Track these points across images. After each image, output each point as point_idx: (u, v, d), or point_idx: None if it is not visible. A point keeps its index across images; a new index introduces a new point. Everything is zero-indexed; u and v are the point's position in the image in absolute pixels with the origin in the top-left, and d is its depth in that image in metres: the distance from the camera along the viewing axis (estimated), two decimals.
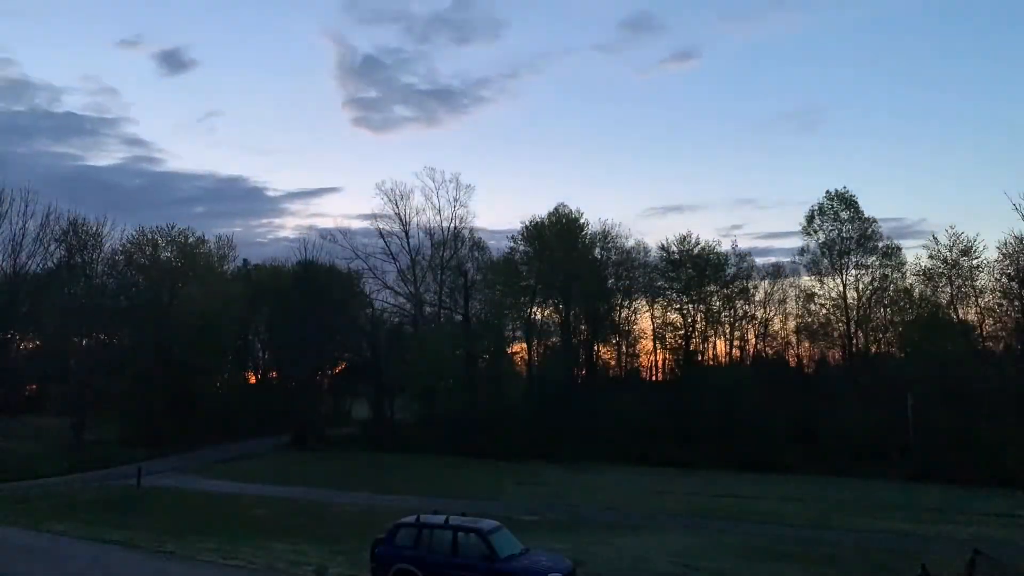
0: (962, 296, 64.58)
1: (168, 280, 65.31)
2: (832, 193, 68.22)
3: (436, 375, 65.19)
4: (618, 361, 77.26)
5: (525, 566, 17.58)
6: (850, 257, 66.28)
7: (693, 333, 71.66)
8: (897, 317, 64.41)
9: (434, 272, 74.81)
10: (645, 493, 42.79)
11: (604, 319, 71.82)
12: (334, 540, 25.82)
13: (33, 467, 43.08)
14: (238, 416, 74.51)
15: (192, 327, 65.83)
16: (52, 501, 33.40)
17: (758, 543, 27.27)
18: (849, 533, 30.58)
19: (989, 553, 22.24)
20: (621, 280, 75.40)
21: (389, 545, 18.85)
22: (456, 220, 74.96)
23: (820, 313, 68.96)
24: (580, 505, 36.70)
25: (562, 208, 73.72)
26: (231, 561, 21.50)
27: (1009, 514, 37.75)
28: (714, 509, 36.53)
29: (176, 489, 38.51)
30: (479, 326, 70.88)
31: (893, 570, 23.69)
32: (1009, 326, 62.74)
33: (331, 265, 74.75)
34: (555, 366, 67.07)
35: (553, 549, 23.16)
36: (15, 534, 25.19)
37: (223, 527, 28.00)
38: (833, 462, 57.90)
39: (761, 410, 61.20)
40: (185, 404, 65.95)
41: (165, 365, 64.72)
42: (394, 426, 71.68)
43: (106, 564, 21.08)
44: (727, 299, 71.53)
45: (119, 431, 63.66)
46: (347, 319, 74.58)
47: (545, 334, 75.81)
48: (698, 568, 22.46)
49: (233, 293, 73.53)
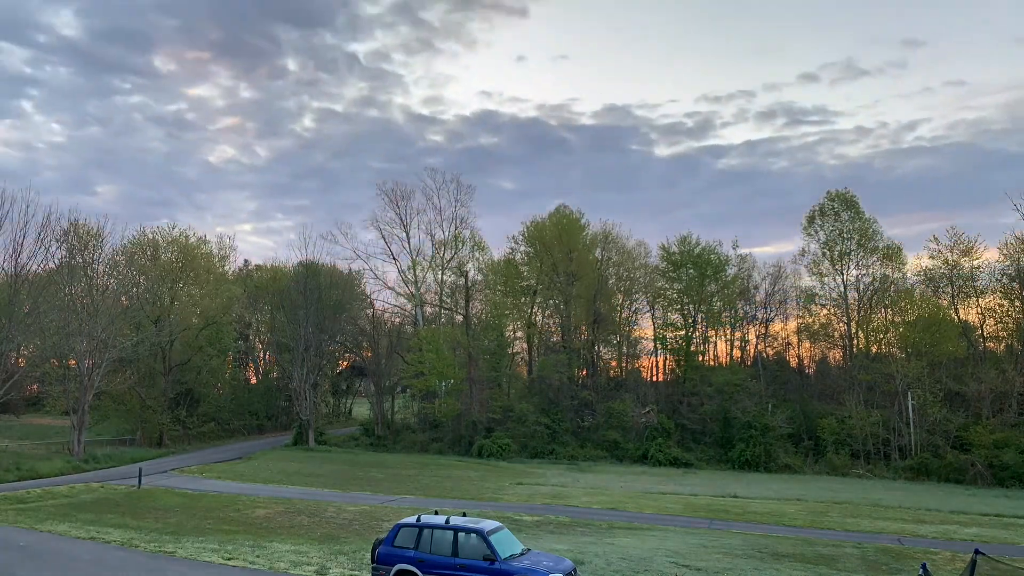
0: (963, 296, 64.67)
1: (168, 280, 65.30)
2: (833, 194, 68.33)
3: (436, 375, 65.21)
4: (618, 361, 77.26)
5: (526, 566, 17.59)
6: (851, 257, 66.30)
7: (694, 334, 71.61)
8: (897, 317, 64.40)
9: (435, 272, 74.89)
10: (645, 493, 42.78)
11: (604, 319, 71.78)
12: (334, 540, 25.82)
13: (33, 467, 43.05)
14: (238, 416, 74.57)
15: (192, 327, 65.90)
16: (52, 501, 33.41)
17: (758, 543, 27.27)
18: (849, 533, 30.58)
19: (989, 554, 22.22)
20: (622, 280, 75.43)
21: (390, 545, 18.87)
22: (457, 220, 75.12)
23: (821, 314, 69.03)
24: (580, 505, 36.69)
25: (562, 208, 73.89)
26: (231, 561, 21.49)
27: (1009, 514, 37.75)
28: (714, 509, 36.53)
29: (176, 489, 38.51)
30: (479, 326, 70.88)
31: (893, 570, 23.68)
32: (1009, 326, 62.81)
33: (332, 265, 74.92)
34: (555, 366, 67.03)
35: (553, 549, 23.18)
36: (15, 534, 25.18)
37: (223, 527, 28.00)
38: (833, 462, 58.01)
39: (761, 410, 61.22)
40: (185, 404, 66.02)
41: (165, 365, 64.81)
42: (394, 426, 71.71)
43: (106, 564, 21.07)
44: (728, 300, 71.51)
45: (119, 431, 63.79)
46: (347, 319, 74.60)
47: (545, 334, 75.81)
48: (698, 568, 22.45)
49: (233, 293, 73.60)
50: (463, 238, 74.54)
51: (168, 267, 66.69)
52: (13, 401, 63.80)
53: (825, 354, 73.18)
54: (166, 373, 64.73)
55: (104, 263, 59.90)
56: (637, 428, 63.50)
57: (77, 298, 53.34)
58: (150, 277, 63.51)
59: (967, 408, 58.43)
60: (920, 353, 59.91)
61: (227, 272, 79.94)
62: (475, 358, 66.99)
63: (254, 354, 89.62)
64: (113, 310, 54.74)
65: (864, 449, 58.61)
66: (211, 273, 71.93)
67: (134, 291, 61.85)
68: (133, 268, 63.61)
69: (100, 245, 58.26)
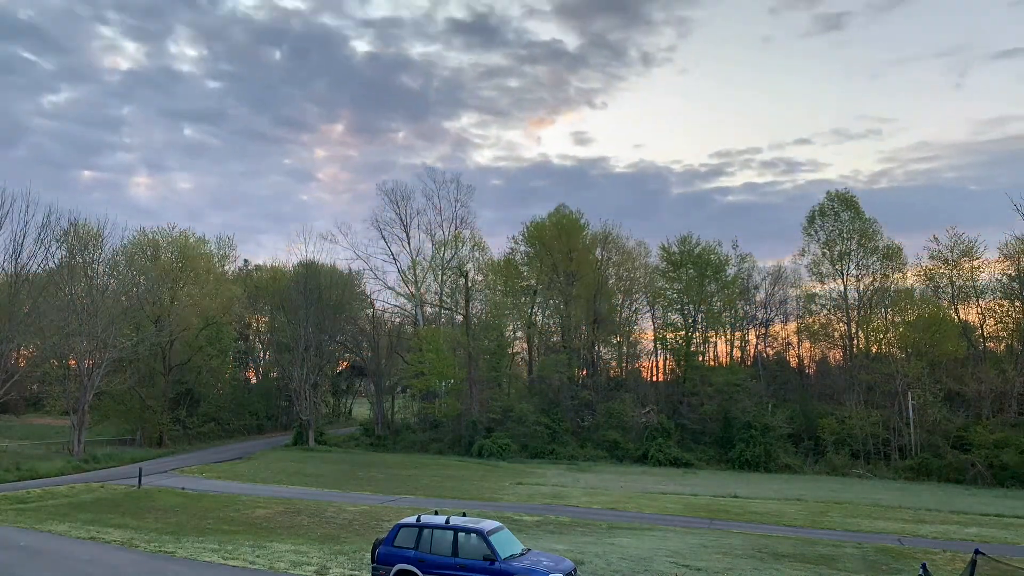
0: (963, 296, 64.64)
1: (168, 280, 65.31)
2: (833, 194, 68.31)
3: (436, 375, 65.21)
4: (619, 361, 77.25)
5: (526, 566, 17.59)
6: (851, 258, 66.28)
7: (694, 334, 71.60)
8: (898, 317, 64.38)
9: (435, 272, 74.87)
10: (645, 493, 42.78)
11: (604, 319, 71.79)
12: (334, 540, 25.82)
13: (33, 467, 43.05)
14: (238, 416, 74.56)
15: (192, 327, 65.88)
16: (52, 501, 33.41)
17: (758, 543, 27.27)
18: (849, 533, 30.58)
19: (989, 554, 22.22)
20: (622, 280, 75.42)
21: (390, 545, 18.87)
22: (457, 220, 75.14)
23: (821, 314, 69.01)
24: (580, 505, 36.69)
25: (562, 208, 73.88)
26: (231, 561, 21.48)
27: (1009, 514, 37.75)
28: (714, 509, 36.53)
29: (176, 489, 38.50)
30: (479, 326, 70.89)
31: (893, 570, 23.69)
32: (1009, 326, 62.79)
33: (331, 266, 74.96)
34: (555, 366, 67.04)
35: (553, 549, 23.18)
36: (15, 534, 25.17)
37: (223, 527, 28.00)
38: (833, 462, 57.99)
39: (761, 410, 61.23)
40: (185, 404, 66.02)
41: (165, 365, 64.79)
42: (394, 426, 71.71)
43: (106, 564, 21.06)
44: (728, 300, 71.49)
45: (119, 431, 63.78)
46: (347, 319, 74.62)
47: (545, 334, 75.81)
48: (698, 568, 22.45)
49: (233, 293, 73.58)
50: (463, 238, 74.64)
51: (168, 267, 66.70)
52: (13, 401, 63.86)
53: (825, 354, 73.17)
54: (166, 373, 64.72)
55: (104, 263, 60.00)
56: (637, 428, 63.48)
57: (77, 298, 53.33)
58: (150, 277, 63.50)
59: (967, 408, 58.44)
60: (920, 353, 59.92)
61: (227, 272, 80.00)
62: (475, 358, 67.01)
63: (254, 354, 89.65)
64: (113, 310, 54.73)
65: (864, 449, 58.62)
66: (211, 273, 71.95)
67: (134, 291, 61.82)
68: (133, 268, 63.62)
69: (100, 245, 58.39)
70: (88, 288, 55.09)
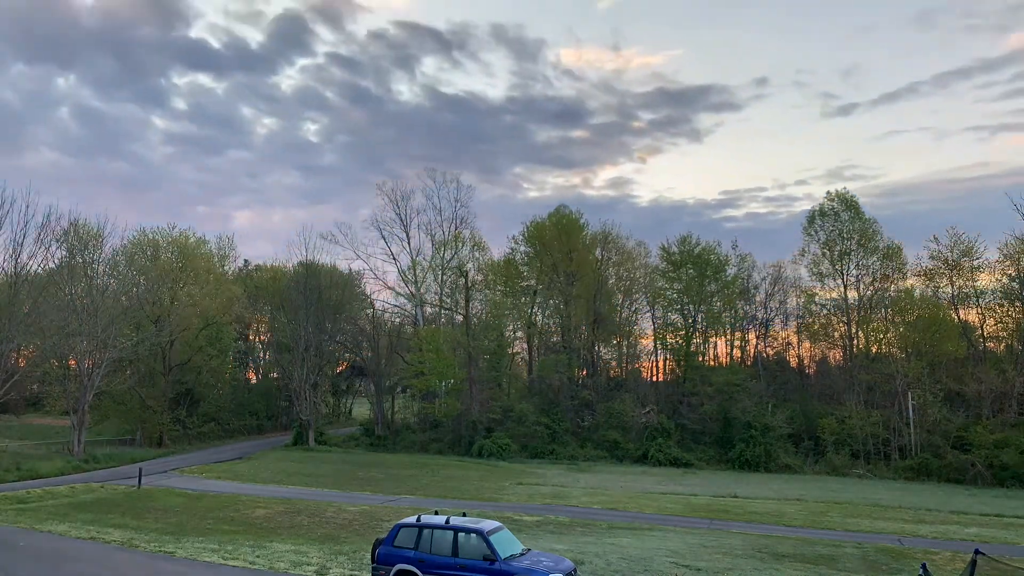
0: (963, 296, 64.60)
1: (168, 280, 65.31)
2: (833, 194, 68.29)
3: (436, 375, 65.21)
4: (618, 361, 77.25)
5: (526, 566, 17.59)
6: (850, 258, 66.27)
7: (694, 334, 71.60)
8: (898, 317, 64.38)
9: (435, 272, 74.86)
10: (645, 493, 42.79)
11: (604, 320, 71.79)
12: (334, 540, 25.83)
13: (33, 467, 43.05)
14: (238, 416, 74.56)
15: (192, 327, 65.89)
16: (52, 501, 33.41)
17: (758, 543, 27.28)
18: (849, 533, 30.59)
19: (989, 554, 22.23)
20: (621, 280, 75.42)
21: (390, 545, 18.87)
22: (457, 220, 75.13)
23: (821, 314, 68.98)
24: (580, 505, 36.70)
25: (562, 208, 73.89)
26: (231, 561, 21.48)
27: (1009, 514, 37.75)
28: (714, 509, 36.53)
29: (176, 489, 38.50)
30: (479, 326, 70.89)
31: (893, 570, 23.69)
32: (1009, 326, 62.78)
33: (331, 266, 74.92)
34: (555, 366, 67.04)
35: (553, 549, 23.19)
36: (15, 534, 25.17)
37: (223, 527, 28.01)
38: (833, 462, 57.99)
39: (761, 410, 61.23)
40: (185, 404, 66.02)
41: (165, 365, 64.80)
42: (394, 426, 71.71)
43: (106, 564, 21.07)
44: (728, 300, 71.48)
45: (119, 431, 63.78)
46: (347, 319, 74.61)
47: (545, 334, 75.81)
48: (698, 568, 22.45)
49: (233, 293, 73.55)
50: (463, 238, 74.62)
51: (168, 267, 66.68)
52: (13, 401, 63.76)
53: (825, 354, 73.16)
54: (166, 373, 64.72)
55: (104, 263, 59.96)
56: (637, 428, 63.47)
57: (77, 298, 53.32)
58: (150, 277, 63.50)
59: (967, 408, 58.43)
60: (920, 353, 59.92)
61: (227, 272, 79.97)
62: (475, 358, 67.01)
63: (254, 354, 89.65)
64: (113, 310, 54.71)
65: (864, 449, 58.62)
66: (211, 273, 71.91)
67: (134, 291, 61.80)
68: (133, 268, 63.62)
69: (100, 245, 58.36)
70: (88, 288, 55.06)
